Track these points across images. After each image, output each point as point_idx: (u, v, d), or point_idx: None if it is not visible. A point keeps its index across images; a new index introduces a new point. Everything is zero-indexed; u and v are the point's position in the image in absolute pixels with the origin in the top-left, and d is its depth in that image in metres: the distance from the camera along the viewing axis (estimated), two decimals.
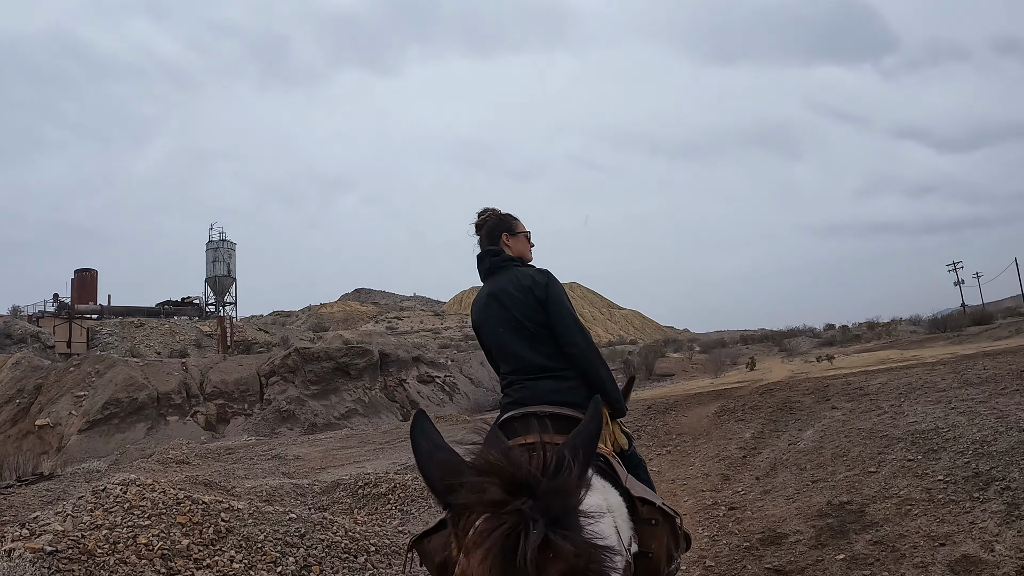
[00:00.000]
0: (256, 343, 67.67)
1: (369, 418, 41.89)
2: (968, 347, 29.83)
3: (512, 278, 3.69)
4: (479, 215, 4.04)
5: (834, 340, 48.12)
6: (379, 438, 16.31)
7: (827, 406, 11.25)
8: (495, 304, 3.68)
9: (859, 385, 13.11)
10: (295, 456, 14.44)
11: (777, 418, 11.02)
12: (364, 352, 44.44)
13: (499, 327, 3.66)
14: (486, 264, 3.86)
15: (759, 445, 9.53)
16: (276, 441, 20.27)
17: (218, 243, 78.80)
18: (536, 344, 3.58)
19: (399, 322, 79.65)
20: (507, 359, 3.69)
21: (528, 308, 3.60)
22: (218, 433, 42.21)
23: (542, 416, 3.24)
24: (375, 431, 19.39)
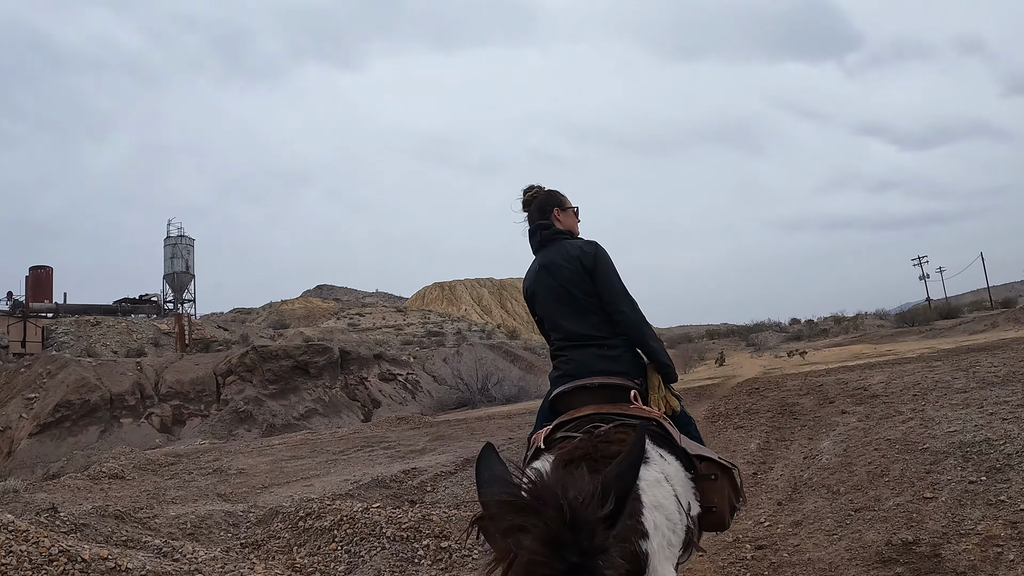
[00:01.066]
0: (215, 341, 65.30)
1: (329, 418, 40.08)
2: (945, 341, 28.90)
3: (561, 249, 3.66)
4: (526, 192, 3.98)
5: (801, 334, 47.32)
6: (334, 446, 14.71)
7: (833, 409, 9.89)
8: (545, 275, 3.66)
9: (860, 385, 11.79)
10: (239, 469, 12.82)
11: (780, 424, 9.62)
12: (324, 350, 42.61)
13: (549, 297, 3.64)
14: (537, 237, 3.81)
15: (768, 458, 8.10)
16: (227, 447, 18.55)
17: (176, 239, 76.27)
18: (584, 314, 3.55)
19: (361, 319, 77.60)
20: (556, 328, 3.64)
21: (576, 278, 3.54)
22: (173, 435, 40.26)
23: (592, 388, 3.26)
24: (331, 436, 17.77)
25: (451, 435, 13.61)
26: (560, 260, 3.61)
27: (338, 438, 17.00)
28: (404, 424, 20.15)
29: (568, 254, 3.60)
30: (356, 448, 13.70)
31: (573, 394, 3.32)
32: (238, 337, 66.12)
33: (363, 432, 17.79)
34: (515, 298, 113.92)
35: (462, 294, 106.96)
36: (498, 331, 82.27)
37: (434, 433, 14.36)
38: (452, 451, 11.36)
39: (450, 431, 14.41)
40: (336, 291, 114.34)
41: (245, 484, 10.99)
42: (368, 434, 16.80)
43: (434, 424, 17.81)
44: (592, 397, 3.20)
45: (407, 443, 13.40)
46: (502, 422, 15.00)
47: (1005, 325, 29.52)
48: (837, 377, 14.40)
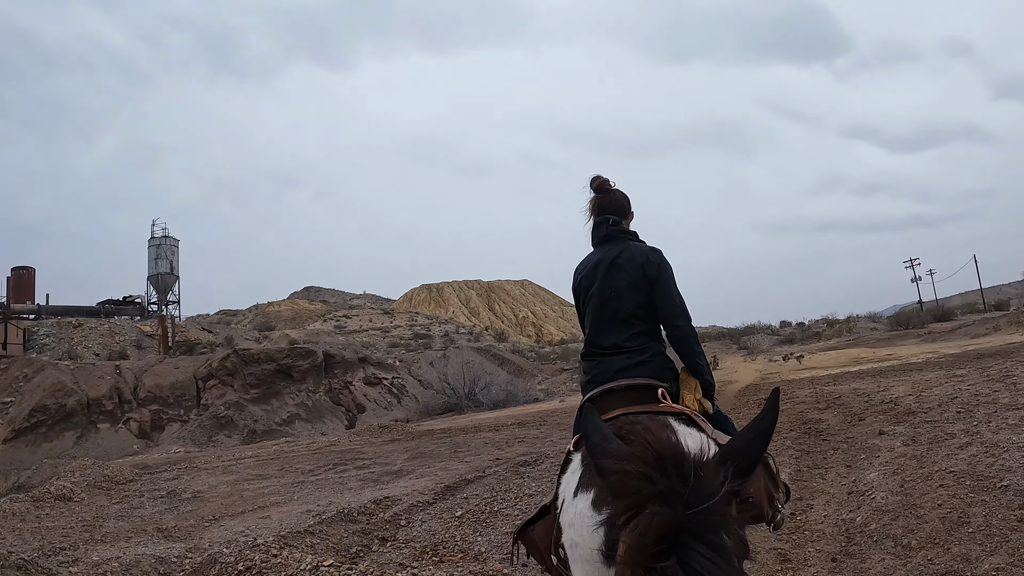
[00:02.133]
0: (199, 343, 63.81)
1: (312, 423, 38.56)
2: (947, 345, 27.75)
3: (627, 251, 3.42)
4: (599, 180, 3.66)
5: (794, 337, 46.07)
6: (305, 462, 13.29)
7: (867, 429, 8.55)
8: (603, 272, 3.41)
9: (886, 398, 10.48)
10: (195, 492, 11.38)
11: (809, 447, 8.26)
12: (308, 353, 41.10)
13: (601, 296, 3.39)
14: (603, 230, 3.54)
15: (804, 492, 6.72)
16: (196, 460, 17.14)
17: (161, 239, 74.53)
18: (627, 322, 3.33)
19: (348, 321, 76.03)
20: (595, 330, 3.42)
21: (634, 285, 3.35)
22: (152, 441, 38.76)
23: (619, 390, 3.12)
24: (306, 449, 16.34)
25: (432, 452, 12.21)
26: (624, 262, 3.39)
27: (312, 451, 15.58)
28: (385, 434, 18.75)
29: (633, 259, 3.38)
30: (328, 466, 12.28)
31: (601, 399, 3.14)
32: (222, 339, 64.60)
33: (339, 444, 16.37)
34: (503, 300, 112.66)
35: (450, 296, 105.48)
36: (486, 334, 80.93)
37: (414, 449, 12.95)
38: (432, 474, 9.96)
39: (432, 447, 13.00)
40: (323, 293, 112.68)
41: (196, 513, 9.56)
42: (344, 447, 15.39)
43: (416, 436, 16.44)
44: (620, 399, 3.05)
45: (384, 461, 11.99)
46: (488, 436, 13.62)
47: (1008, 328, 28.32)
48: (853, 387, 13.10)
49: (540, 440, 11.75)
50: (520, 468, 9.32)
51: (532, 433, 13.06)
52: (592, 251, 3.60)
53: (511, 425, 15.91)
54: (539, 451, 10.48)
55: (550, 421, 15.66)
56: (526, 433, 13.25)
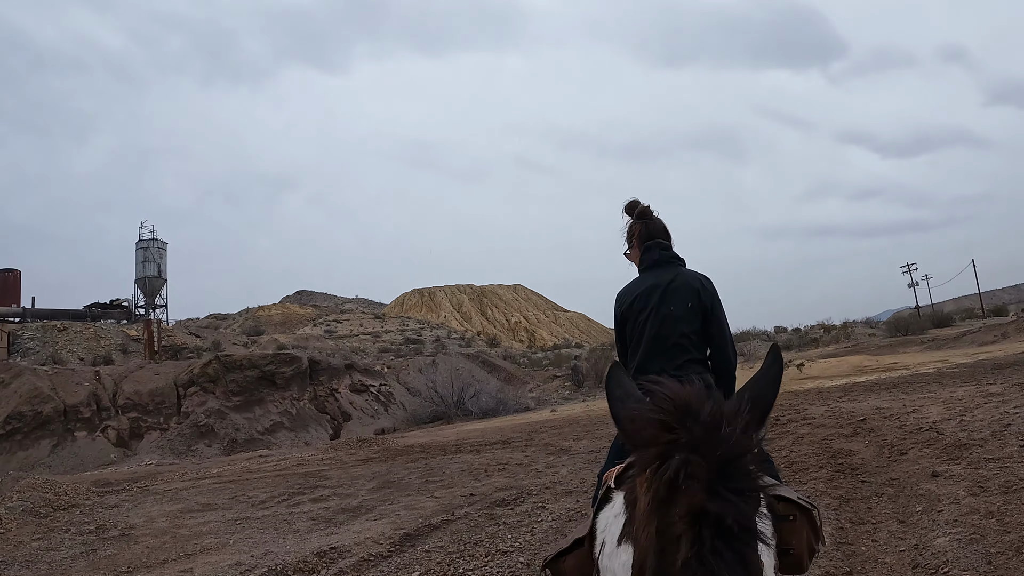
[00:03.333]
0: (185, 348, 62.25)
1: (296, 432, 36.93)
2: (955, 353, 26.23)
3: (682, 275, 3.34)
4: (642, 207, 3.63)
5: (791, 344, 44.54)
6: (265, 487, 11.74)
7: (913, 467, 7.02)
8: (657, 297, 3.30)
9: (921, 423, 8.96)
10: (127, 527, 9.81)
11: (847, 492, 6.71)
12: (292, 359, 39.45)
13: (652, 321, 3.26)
14: (655, 254, 3.45)
15: (854, 563, 5.15)
16: (153, 481, 15.62)
17: (148, 242, 72.76)
18: (677, 349, 3.22)
19: (338, 325, 74.32)
20: (647, 352, 3.27)
21: (689, 311, 3.25)
22: (130, 450, 37.19)
23: None
24: (272, 469, 14.81)
25: (401, 481, 10.64)
26: (680, 287, 3.28)
27: (276, 472, 14.04)
28: (362, 450, 17.24)
29: (689, 284, 3.28)
30: (283, 496, 10.72)
31: None
32: (210, 344, 63.15)
33: (307, 464, 14.83)
34: (495, 305, 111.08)
35: (442, 301, 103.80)
36: (478, 339, 79.30)
37: (383, 475, 11.39)
38: (394, 513, 8.41)
39: (403, 472, 11.44)
40: (316, 297, 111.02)
41: (112, 561, 7.99)
42: (310, 468, 13.85)
43: (392, 454, 14.93)
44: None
45: (345, 491, 10.44)
46: (467, 460, 12.06)
47: (1017, 336, 26.85)
48: (875, 405, 11.59)
49: (523, 469, 10.20)
50: (495, 510, 7.77)
51: (516, 458, 11.50)
52: (640, 276, 3.49)
53: (495, 444, 14.38)
54: (520, 485, 8.95)
55: (537, 440, 14.13)
56: (509, 457, 11.70)
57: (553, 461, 10.39)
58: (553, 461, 10.39)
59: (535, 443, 13.45)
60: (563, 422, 20.86)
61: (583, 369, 39.81)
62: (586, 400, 33.61)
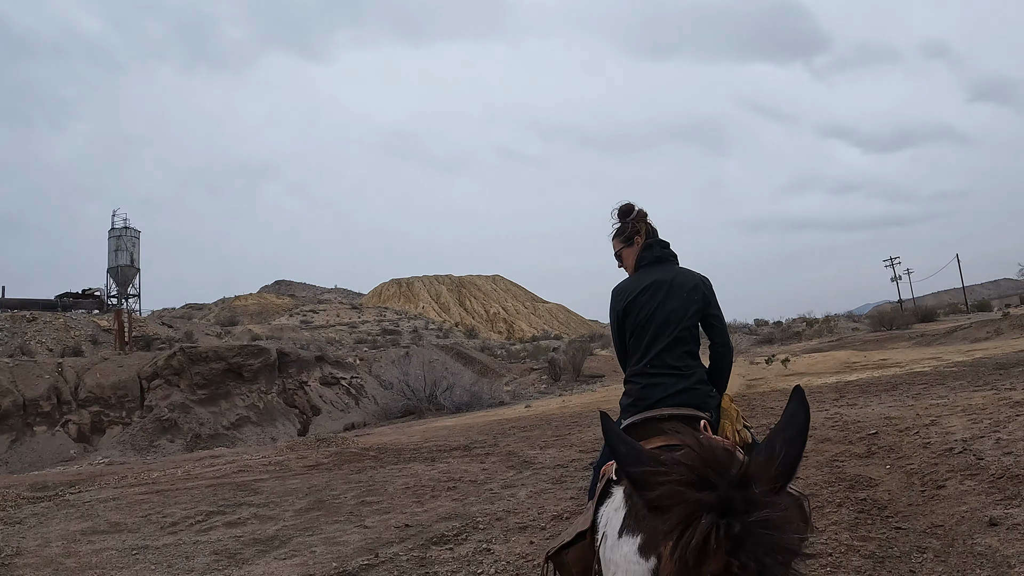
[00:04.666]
0: (157, 339, 60.18)
1: (263, 427, 35.20)
2: (948, 350, 24.69)
3: (682, 273, 3.44)
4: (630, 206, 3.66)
5: (773, 337, 43.17)
6: (186, 501, 10.09)
7: (961, 508, 5.45)
8: (661, 293, 3.36)
9: (954, 444, 7.42)
10: (14, 552, 8.17)
11: (878, 546, 5.09)
12: (260, 351, 37.62)
13: (654, 316, 3.33)
14: (655, 251, 3.54)
15: None
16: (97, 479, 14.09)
17: (121, 230, 70.49)
18: (679, 343, 3.28)
19: (315, 316, 72.38)
20: (646, 350, 3.31)
21: (691, 305, 3.33)
22: (91, 446, 35.63)
23: (661, 419, 3.05)
24: (212, 475, 13.16)
25: (335, 500, 9.00)
26: (682, 283, 3.37)
27: (211, 481, 12.41)
28: (315, 452, 15.67)
29: (688, 281, 3.38)
30: (199, 517, 9.07)
31: (642, 426, 3.07)
32: (182, 335, 61.17)
33: (247, 471, 13.20)
34: (474, 296, 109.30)
35: (420, 291, 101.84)
36: (456, 330, 77.63)
37: (319, 492, 9.76)
38: (309, 549, 6.78)
39: (341, 489, 9.80)
40: (294, 287, 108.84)
41: None
42: (247, 478, 12.20)
43: (344, 460, 13.37)
44: (661, 428, 2.89)
45: (270, 511, 8.81)
46: (419, 471, 10.44)
47: (1011, 332, 25.45)
48: (883, 413, 10.07)
49: (477, 488, 8.59)
50: (430, 550, 6.16)
51: (472, 471, 9.89)
52: (639, 272, 3.51)
53: (455, 450, 12.79)
54: (468, 513, 7.33)
55: (502, 446, 12.55)
56: (465, 470, 10.09)
57: (513, 478, 8.79)
58: (513, 478, 8.79)
59: (498, 450, 11.86)
60: (536, 420, 19.40)
61: (560, 362, 38.28)
62: (562, 394, 32.12)
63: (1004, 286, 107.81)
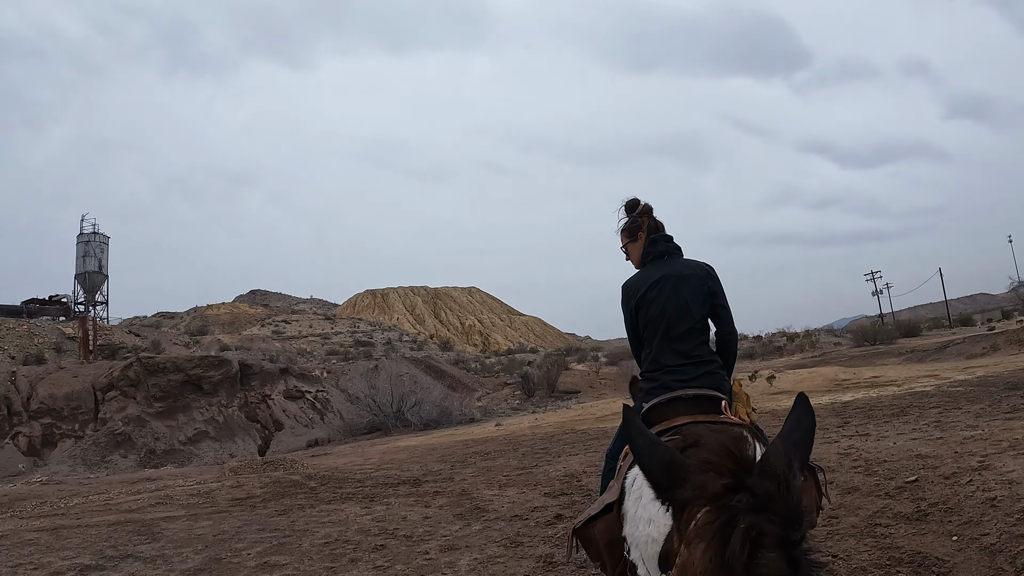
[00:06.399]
0: (124, 347, 57.76)
1: (222, 443, 32.94)
2: (943, 367, 23.01)
3: (689, 265, 3.43)
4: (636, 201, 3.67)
5: (754, 352, 41.60)
6: (80, 544, 8.11)
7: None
8: (670, 286, 3.34)
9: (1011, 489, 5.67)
10: None
11: None
12: (221, 363, 35.41)
13: (666, 308, 3.31)
14: (660, 246, 3.52)
15: None
16: (15, 505, 12.00)
17: (89, 236, 67.97)
18: (693, 332, 3.27)
19: (287, 326, 70.04)
20: (663, 341, 3.28)
21: (700, 295, 3.32)
22: (41, 460, 33.30)
23: (686, 399, 3.04)
24: (126, 507, 11.16)
25: (233, 560, 7.04)
26: (690, 275, 3.36)
27: (121, 516, 10.41)
28: (254, 480, 13.76)
29: (696, 271, 3.38)
30: (73, 571, 7.13)
31: (668, 405, 3.05)
32: (149, 344, 58.78)
33: (166, 504, 11.23)
34: (449, 307, 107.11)
35: (395, 302, 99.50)
36: (431, 342, 75.54)
37: (223, 543, 7.79)
38: None
39: (249, 540, 7.84)
40: (269, 296, 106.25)
41: None
42: (157, 515, 10.21)
43: (268, 498, 11.45)
44: (685, 408, 2.95)
45: (153, 569, 6.87)
46: (352, 514, 8.51)
47: (1008, 348, 23.86)
48: (907, 447, 8.30)
49: (410, 549, 6.67)
50: None
51: (412, 520, 7.97)
52: (646, 268, 3.51)
53: (403, 484, 10.90)
54: None
55: (457, 481, 10.66)
56: (404, 517, 8.16)
57: (457, 535, 6.89)
58: (457, 535, 6.89)
59: (451, 488, 9.96)
60: (503, 443, 17.59)
61: (534, 377, 36.36)
62: (535, 411, 30.25)
63: (981, 301, 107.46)
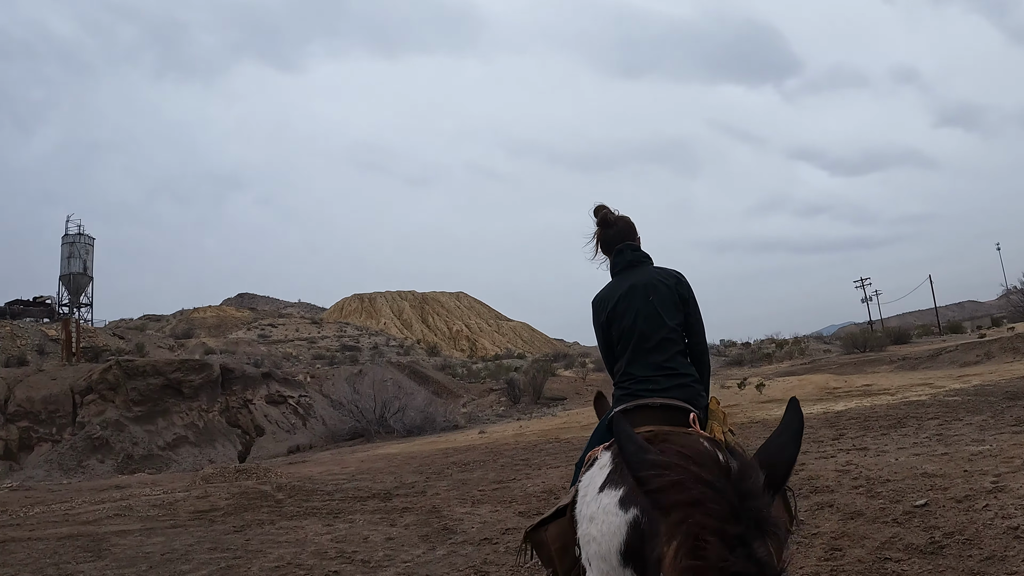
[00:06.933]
0: (107, 350, 56.75)
1: (201, 448, 32.16)
2: (938, 375, 22.37)
3: (657, 273, 3.28)
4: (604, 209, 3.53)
5: (742, 359, 41.10)
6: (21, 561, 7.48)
7: None
8: (640, 297, 3.18)
9: None
10: None
11: None
12: (202, 366, 34.61)
13: (637, 319, 3.15)
14: (627, 256, 3.37)
15: None
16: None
17: (75, 237, 67.00)
18: (665, 343, 3.11)
19: (273, 330, 69.22)
20: (635, 352, 3.14)
21: (671, 305, 3.16)
22: (17, 464, 32.37)
23: (653, 407, 2.93)
24: (83, 519, 10.49)
25: None
26: (658, 282, 3.20)
27: (66, 533, 9.75)
28: (219, 490, 13.15)
29: (665, 280, 3.21)
30: None
31: (634, 412, 2.91)
32: (133, 346, 57.86)
33: (124, 517, 10.59)
34: (437, 312, 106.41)
35: (382, 307, 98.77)
36: (418, 347, 74.79)
37: (171, 563, 7.16)
38: None
39: (198, 561, 7.18)
40: (257, 300, 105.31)
41: None
42: (108, 528, 9.56)
43: (231, 512, 10.83)
44: (652, 416, 2.82)
45: None
46: (311, 532, 7.87)
47: (1002, 356, 23.37)
48: (911, 464, 7.76)
49: (372, 573, 6.05)
50: None
51: (376, 539, 7.34)
52: (615, 279, 3.36)
53: (371, 499, 10.28)
54: None
55: (430, 495, 10.04)
56: (367, 537, 7.54)
57: (419, 560, 6.28)
58: (419, 560, 6.28)
59: (421, 504, 9.34)
60: (485, 452, 17.04)
61: (520, 384, 35.72)
62: (520, 419, 29.59)
63: (969, 308, 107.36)
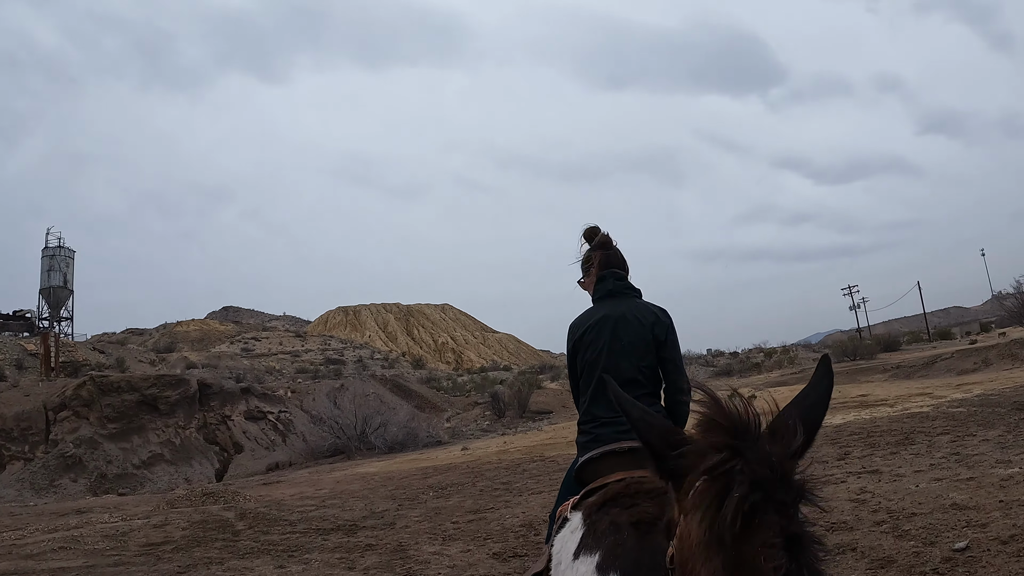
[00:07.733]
0: (87, 364, 55.52)
1: (178, 466, 31.14)
2: (935, 383, 21.60)
3: (636, 307, 3.07)
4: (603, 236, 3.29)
5: (731, 369, 40.40)
6: None
7: None
8: (608, 329, 3.00)
9: None
10: None
11: None
12: (179, 382, 33.58)
13: (600, 353, 2.98)
14: (609, 284, 3.16)
15: None
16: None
17: (55, 250, 65.74)
18: (634, 380, 2.92)
19: (257, 343, 68.10)
20: (592, 389, 2.98)
21: (643, 343, 2.97)
22: None
23: (621, 452, 2.74)
24: (27, 552, 9.60)
25: None
26: (632, 318, 3.00)
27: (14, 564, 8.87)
28: (181, 517, 12.30)
29: (643, 317, 3.00)
30: None
31: (601, 460, 2.77)
32: (113, 361, 56.67)
33: (71, 549, 9.71)
34: (422, 325, 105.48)
35: (367, 319, 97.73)
36: (403, 359, 73.82)
37: None
38: None
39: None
40: (242, 313, 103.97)
41: None
42: (46, 565, 8.70)
43: (184, 546, 9.99)
44: (620, 462, 2.63)
45: None
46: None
47: (1001, 363, 22.70)
48: (936, 492, 7.12)
49: None
50: None
51: None
52: (593, 306, 3.16)
53: (335, 532, 9.45)
54: None
55: (399, 527, 9.23)
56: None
57: None
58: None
59: (390, 538, 8.53)
60: (465, 472, 16.28)
61: (505, 397, 34.88)
62: (505, 433, 28.76)
63: (955, 314, 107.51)
